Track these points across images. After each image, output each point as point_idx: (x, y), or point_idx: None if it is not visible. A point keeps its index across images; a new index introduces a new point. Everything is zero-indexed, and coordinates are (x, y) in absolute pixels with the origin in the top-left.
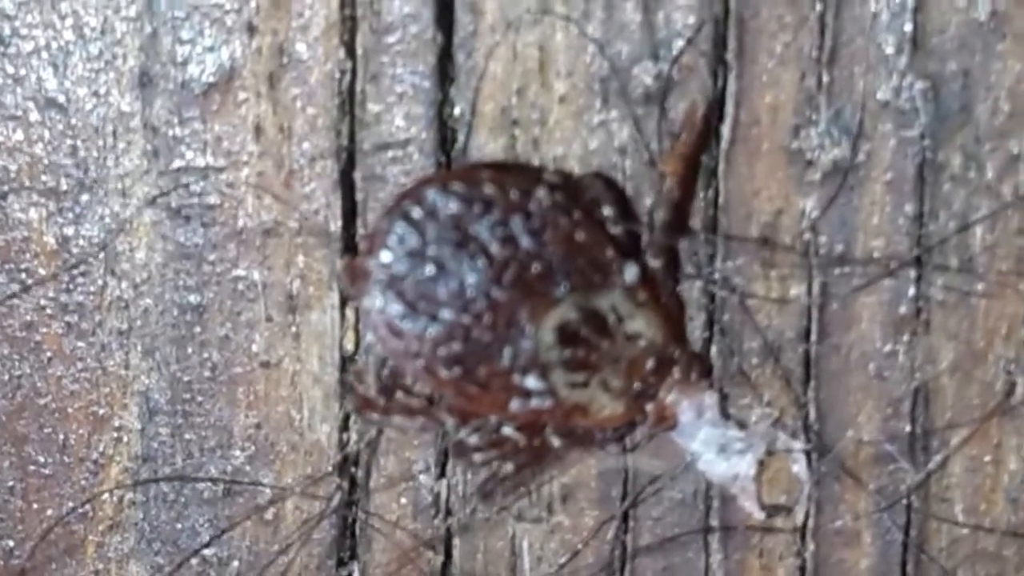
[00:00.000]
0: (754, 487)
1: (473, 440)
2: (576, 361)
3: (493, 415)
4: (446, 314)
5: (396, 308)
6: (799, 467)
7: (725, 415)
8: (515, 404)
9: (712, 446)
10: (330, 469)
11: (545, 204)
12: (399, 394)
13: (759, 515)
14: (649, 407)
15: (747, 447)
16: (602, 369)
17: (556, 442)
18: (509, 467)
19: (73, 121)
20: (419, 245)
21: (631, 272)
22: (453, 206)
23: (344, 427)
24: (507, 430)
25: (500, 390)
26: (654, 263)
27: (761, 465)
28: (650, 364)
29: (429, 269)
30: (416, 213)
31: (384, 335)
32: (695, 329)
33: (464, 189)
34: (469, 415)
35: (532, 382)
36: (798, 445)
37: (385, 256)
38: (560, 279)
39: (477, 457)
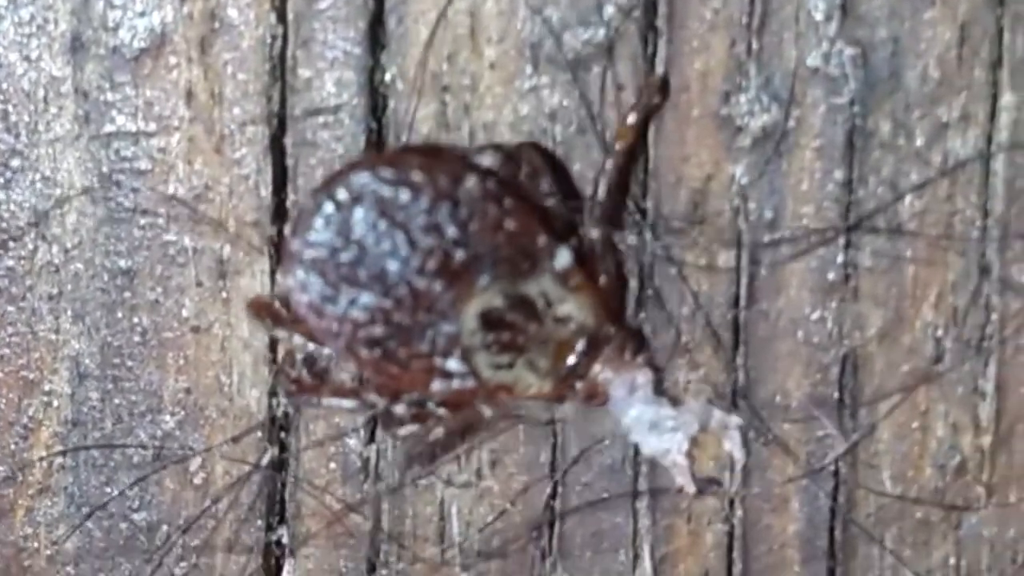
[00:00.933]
0: (686, 463)
1: (400, 411)
2: (500, 344)
3: (416, 393)
4: (366, 298)
5: (318, 288)
6: (732, 444)
7: (659, 392)
8: (437, 384)
9: (644, 423)
10: (259, 433)
11: (475, 193)
12: (328, 375)
13: (691, 490)
14: (579, 385)
15: (679, 425)
16: (529, 351)
17: (487, 412)
18: (439, 432)
19: (4, 86)
20: (344, 228)
21: (563, 258)
22: (380, 191)
23: (273, 392)
24: (431, 405)
25: (421, 371)
26: (595, 235)
27: (694, 442)
28: (580, 345)
29: (352, 252)
30: (343, 195)
31: (306, 314)
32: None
33: (392, 175)
34: (397, 394)
35: (453, 365)
36: (733, 422)
37: (310, 237)
38: (485, 268)
39: (404, 430)
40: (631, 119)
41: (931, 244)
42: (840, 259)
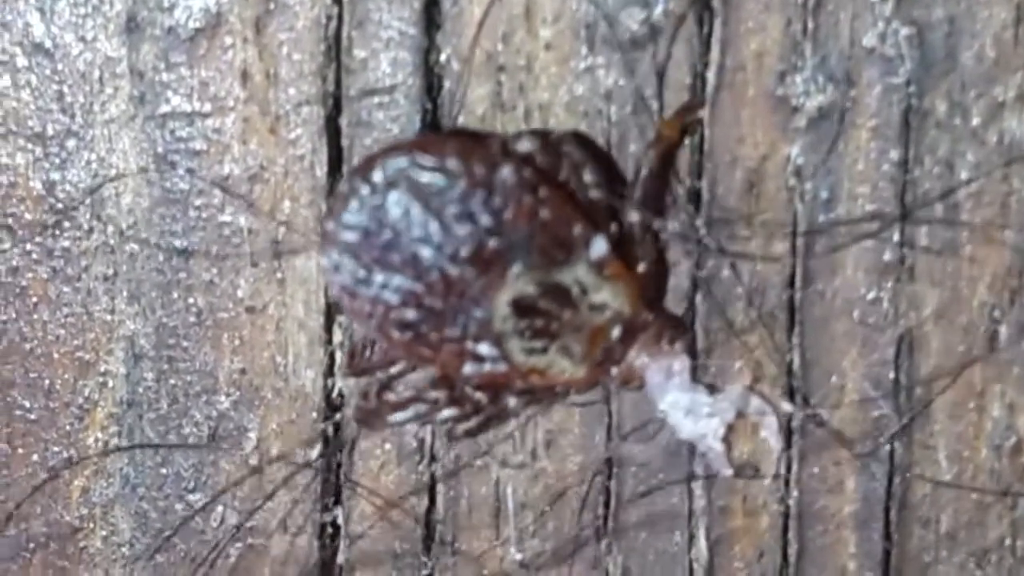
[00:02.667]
0: (721, 448)
1: (437, 393)
2: (534, 330)
3: (449, 375)
4: (399, 281)
5: (351, 270)
6: (769, 432)
7: (695, 379)
8: (468, 367)
9: (680, 409)
10: (315, 415)
11: (510, 182)
12: (388, 395)
13: (727, 473)
14: (615, 370)
15: (715, 411)
16: (562, 336)
17: (512, 401)
18: (468, 425)
19: (60, 67)
20: (379, 211)
21: (599, 247)
22: (416, 175)
23: (329, 373)
24: (468, 389)
25: (452, 354)
26: (634, 219)
27: (730, 428)
28: (616, 332)
29: (386, 235)
30: (379, 179)
31: (339, 295)
32: (679, 276)
33: (429, 160)
34: (453, 385)
35: (485, 349)
36: (769, 411)
37: (345, 219)
38: (518, 257)
39: (440, 415)
40: (678, 117)
41: (987, 225)
42: (896, 239)
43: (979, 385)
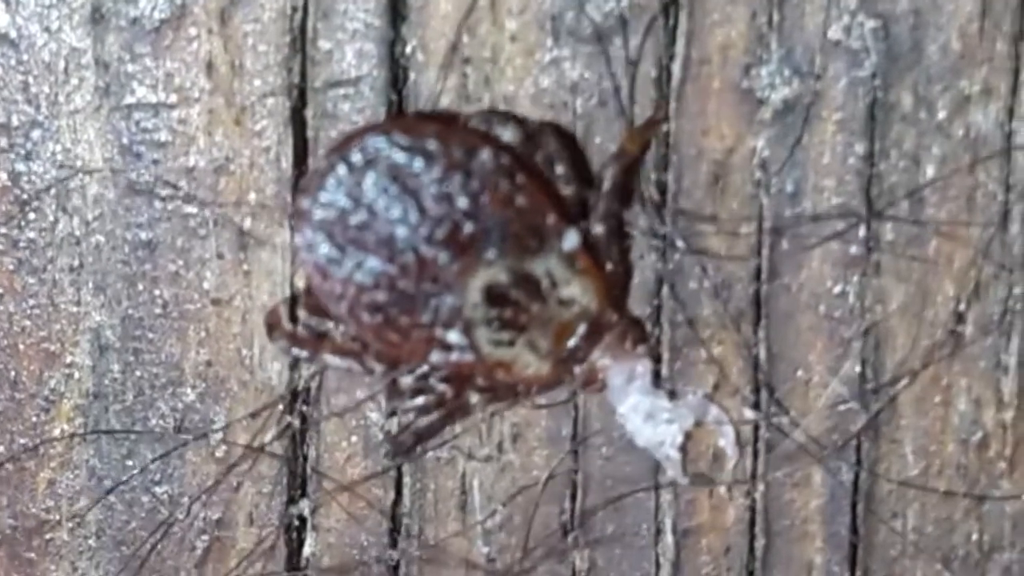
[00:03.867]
0: (678, 456)
1: (407, 382)
2: (502, 321)
3: (414, 364)
4: (373, 262)
5: (325, 249)
6: (726, 441)
7: (656, 384)
8: (435, 356)
9: (639, 412)
10: (280, 407)
11: (488, 166)
12: (330, 334)
13: (682, 482)
14: (578, 369)
15: (674, 417)
16: (530, 330)
17: (474, 398)
18: (426, 421)
19: (24, 57)
20: (355, 191)
21: (571, 239)
22: (394, 156)
23: (295, 365)
24: (433, 381)
25: (420, 341)
26: (598, 228)
27: (687, 436)
28: (582, 329)
29: (362, 215)
30: (356, 158)
31: (312, 274)
32: (645, 270)
33: (407, 141)
34: (396, 362)
35: (454, 337)
36: (726, 420)
37: (321, 197)
38: (493, 242)
39: (407, 403)
40: (640, 130)
41: (953, 218)
42: (862, 234)
43: (945, 379)
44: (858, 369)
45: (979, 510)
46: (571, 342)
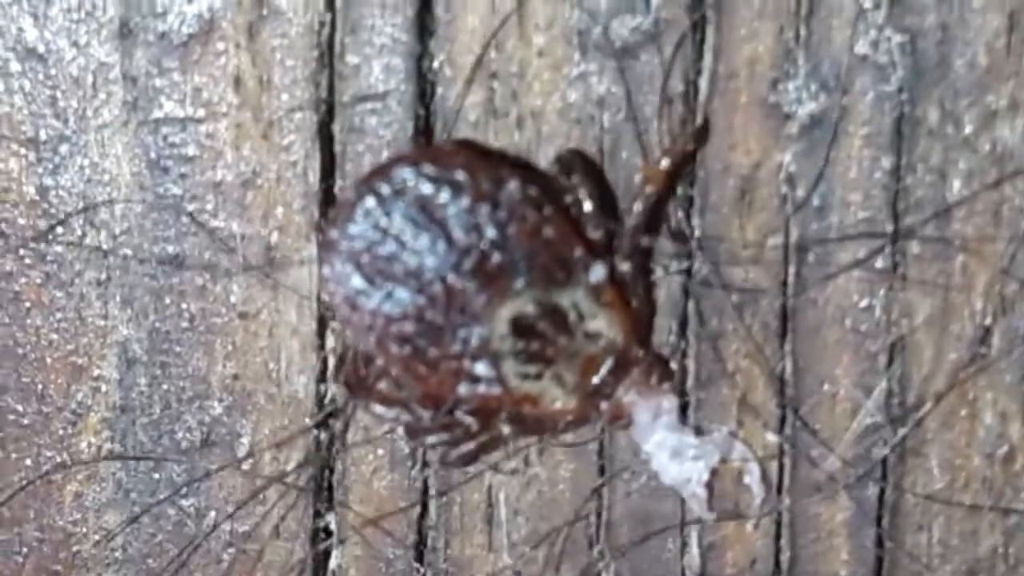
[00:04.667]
0: (704, 493)
1: (426, 418)
2: (529, 353)
3: (443, 396)
4: (401, 293)
5: (354, 281)
6: (751, 478)
7: (683, 420)
8: (463, 388)
9: (665, 450)
10: (307, 421)
11: (516, 197)
12: (379, 383)
13: (708, 519)
14: (604, 405)
15: (700, 454)
16: (557, 363)
17: (506, 429)
18: (461, 451)
19: (53, 71)
20: (383, 222)
21: (597, 272)
22: (422, 187)
23: (321, 379)
24: (459, 414)
25: (449, 373)
26: (624, 266)
27: (714, 473)
28: (608, 364)
29: (390, 246)
30: (384, 189)
31: (340, 305)
32: (672, 283)
33: (435, 171)
34: (438, 405)
35: (482, 369)
36: (751, 457)
37: (350, 229)
38: (521, 272)
39: (429, 439)
40: (664, 164)
41: (979, 233)
42: (888, 248)
43: (971, 393)
44: (884, 383)
45: (1004, 523)
46: (598, 377)
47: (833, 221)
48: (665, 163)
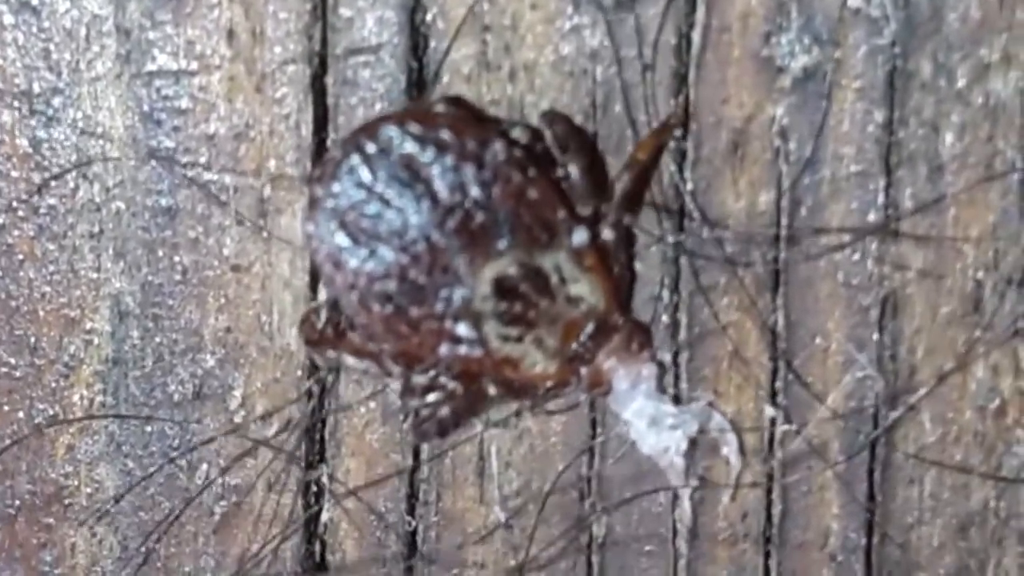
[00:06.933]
0: (682, 463)
1: (420, 381)
2: (511, 315)
3: (423, 357)
4: (385, 251)
5: (338, 238)
6: (729, 449)
7: (661, 389)
8: (444, 349)
9: (644, 418)
10: (299, 373)
11: (500, 157)
12: (350, 335)
13: (685, 490)
14: (584, 371)
15: (679, 423)
16: (538, 327)
17: (492, 390)
18: (446, 411)
19: (46, 24)
20: (369, 180)
21: (580, 235)
22: (408, 146)
23: None
24: (443, 379)
25: (430, 333)
26: (608, 234)
27: (692, 443)
28: (589, 329)
29: (375, 205)
30: (370, 148)
31: (324, 263)
32: (662, 240)
33: (421, 131)
34: (412, 363)
35: (463, 329)
36: (729, 428)
37: (334, 186)
38: (504, 233)
39: (419, 401)
40: (651, 139)
41: (971, 185)
42: (881, 200)
43: (963, 346)
44: (876, 336)
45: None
46: (578, 341)
47: (825, 175)
48: (653, 136)
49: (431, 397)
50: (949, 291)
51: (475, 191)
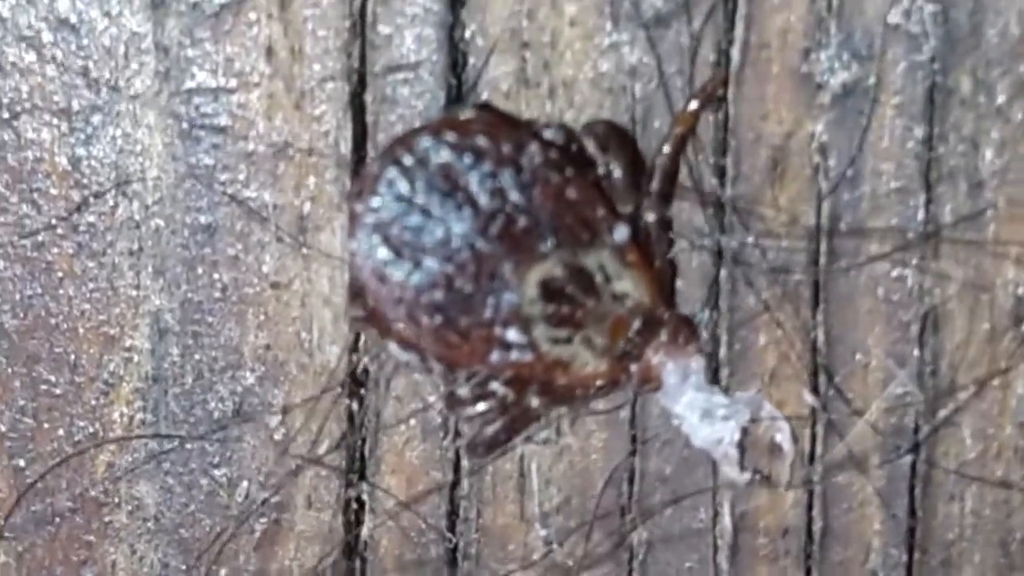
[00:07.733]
0: (736, 454)
1: (464, 393)
2: (559, 317)
3: (474, 366)
4: (430, 262)
5: (382, 253)
6: (782, 436)
7: (711, 380)
8: (495, 356)
9: (696, 411)
10: (339, 389)
11: (537, 160)
12: (397, 324)
13: (741, 481)
14: (634, 367)
15: (731, 414)
16: (586, 326)
17: (535, 401)
18: (492, 430)
19: (85, 42)
20: (408, 192)
21: (621, 232)
22: (444, 155)
23: (354, 348)
24: (494, 384)
25: (480, 341)
26: (650, 216)
27: (744, 433)
28: (636, 325)
29: (416, 217)
30: (407, 160)
31: (369, 279)
32: (703, 254)
33: (456, 139)
34: (455, 365)
35: (513, 335)
36: (780, 416)
37: (374, 201)
38: (547, 235)
39: (468, 411)
40: (692, 105)
41: (1012, 201)
42: (921, 216)
43: (1004, 362)
44: (916, 352)
45: None
46: (626, 338)
47: (865, 191)
48: (693, 104)
49: (481, 406)
50: (990, 306)
51: (515, 195)
